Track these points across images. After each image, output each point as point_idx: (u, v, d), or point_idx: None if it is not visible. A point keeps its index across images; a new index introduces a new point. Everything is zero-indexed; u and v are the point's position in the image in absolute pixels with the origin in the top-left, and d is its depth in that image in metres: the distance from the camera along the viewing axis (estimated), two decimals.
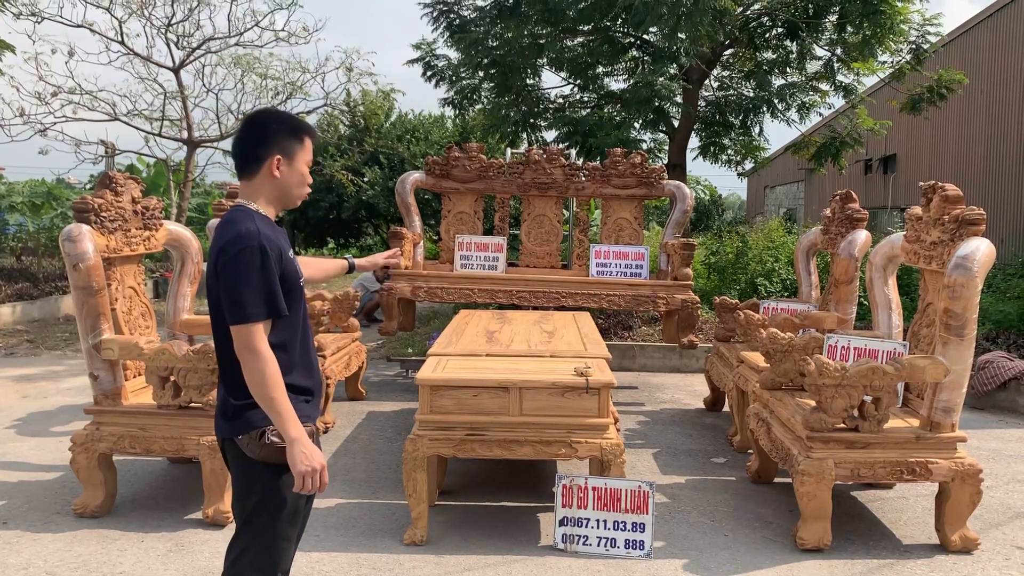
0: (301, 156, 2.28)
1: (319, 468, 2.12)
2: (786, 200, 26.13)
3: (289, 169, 2.26)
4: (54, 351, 8.10)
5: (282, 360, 2.18)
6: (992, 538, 3.72)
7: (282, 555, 2.24)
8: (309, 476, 2.11)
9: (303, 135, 2.29)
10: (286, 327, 2.23)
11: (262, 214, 2.24)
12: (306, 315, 2.34)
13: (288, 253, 2.25)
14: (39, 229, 13.27)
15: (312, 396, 2.31)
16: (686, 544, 3.61)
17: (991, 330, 7.61)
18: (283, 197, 2.30)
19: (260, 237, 2.13)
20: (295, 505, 2.23)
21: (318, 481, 2.12)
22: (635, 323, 8.44)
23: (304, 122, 2.37)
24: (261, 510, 2.19)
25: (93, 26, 10.57)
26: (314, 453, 2.12)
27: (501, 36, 8.70)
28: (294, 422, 2.11)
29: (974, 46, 14.59)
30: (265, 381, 2.09)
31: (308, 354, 2.33)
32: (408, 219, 6.58)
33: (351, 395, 6.09)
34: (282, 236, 2.27)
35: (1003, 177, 13.59)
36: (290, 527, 2.24)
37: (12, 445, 4.97)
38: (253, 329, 2.10)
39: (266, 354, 2.10)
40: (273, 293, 2.13)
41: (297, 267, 2.30)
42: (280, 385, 2.11)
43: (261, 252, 2.11)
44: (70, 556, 3.38)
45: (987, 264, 3.41)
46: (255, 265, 2.10)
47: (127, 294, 4.09)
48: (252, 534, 2.20)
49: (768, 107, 8.83)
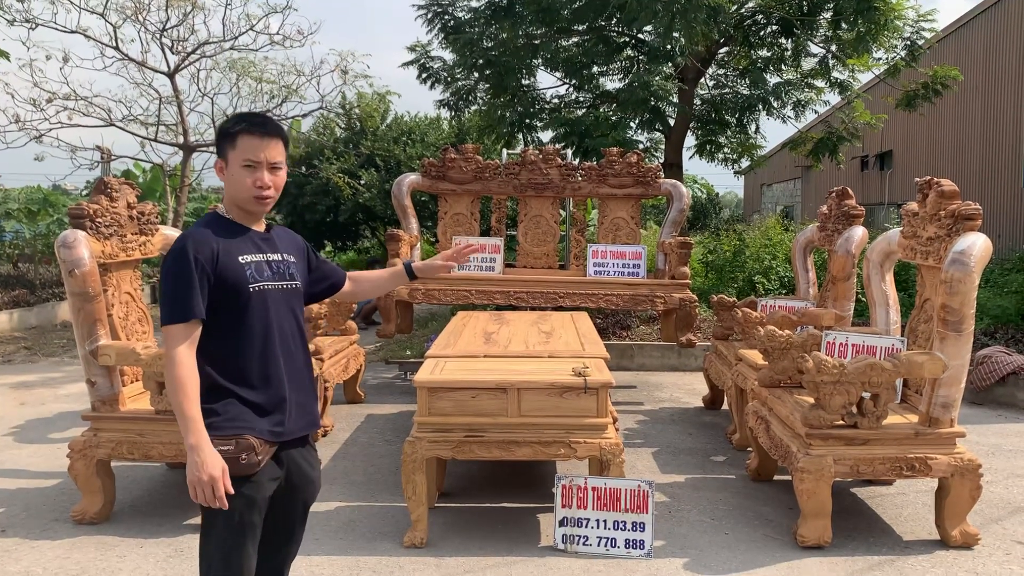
0: (235, 156, 2.19)
1: (207, 479, 2.00)
2: (783, 197, 26.16)
3: (227, 171, 2.21)
4: (51, 358, 8.09)
5: (225, 367, 2.15)
6: (992, 533, 3.72)
7: (244, 564, 2.15)
8: (198, 486, 2.01)
9: (235, 133, 2.19)
10: (230, 334, 2.15)
11: (224, 217, 2.24)
12: (272, 324, 2.21)
13: (239, 257, 2.17)
14: (35, 236, 13.26)
15: (264, 411, 2.18)
16: (686, 543, 3.60)
17: (989, 325, 7.62)
18: (235, 198, 2.23)
19: (186, 240, 2.11)
20: (248, 517, 2.14)
21: (210, 492, 2.01)
22: (633, 322, 8.44)
23: (240, 118, 2.25)
24: (217, 519, 2.13)
25: (87, 32, 10.54)
26: (208, 462, 2.01)
27: (496, 37, 8.69)
28: (194, 429, 2.03)
29: (969, 42, 14.61)
30: (172, 385, 2.06)
31: (268, 366, 2.20)
32: (405, 221, 6.57)
33: (349, 398, 6.08)
34: (243, 240, 2.20)
35: (999, 172, 13.60)
36: (248, 538, 2.16)
37: (10, 452, 4.96)
38: (167, 332, 2.08)
39: (177, 358, 2.06)
40: (180, 297, 2.07)
41: (251, 272, 2.17)
42: (187, 391, 2.05)
43: (177, 256, 2.09)
44: (69, 563, 3.37)
45: (984, 259, 3.41)
46: (169, 270, 2.10)
47: (123, 300, 4.08)
48: (206, 555, 2.16)
49: (764, 105, 8.84)
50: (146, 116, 11.34)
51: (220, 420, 2.13)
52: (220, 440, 2.10)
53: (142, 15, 10.50)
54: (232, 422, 2.14)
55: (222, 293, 2.12)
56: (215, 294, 2.12)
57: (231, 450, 2.10)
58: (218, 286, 2.12)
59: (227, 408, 2.15)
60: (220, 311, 2.14)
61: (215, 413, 2.13)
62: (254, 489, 2.16)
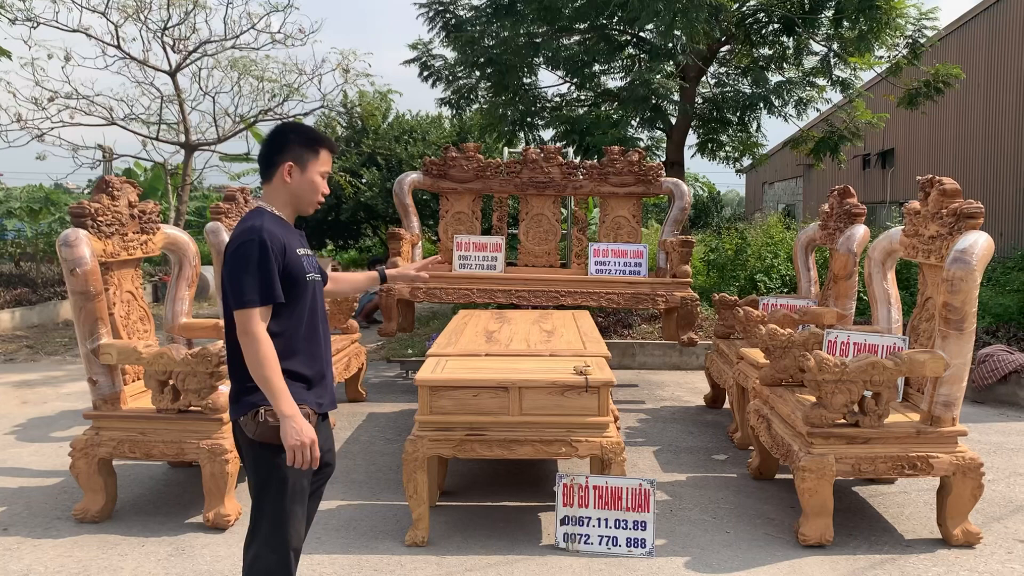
0: (314, 166, 2.44)
1: (307, 442, 2.23)
2: (785, 196, 26.13)
3: (300, 177, 2.43)
4: (53, 356, 8.10)
5: (281, 346, 2.32)
6: (994, 532, 3.72)
7: (291, 533, 2.35)
8: (298, 449, 2.23)
9: (318, 147, 2.45)
10: (288, 317, 2.37)
11: (275, 214, 2.43)
12: (317, 310, 2.47)
13: (296, 251, 2.40)
14: (37, 234, 13.27)
15: (311, 384, 2.42)
16: (688, 542, 3.60)
17: (991, 323, 7.61)
18: (295, 202, 2.47)
19: (263, 232, 2.30)
20: (298, 483, 2.34)
21: (307, 455, 2.24)
22: (634, 321, 8.44)
23: (322, 136, 2.51)
24: (266, 489, 2.33)
25: (89, 31, 10.56)
26: (304, 428, 2.24)
27: (497, 35, 8.69)
28: (287, 400, 2.25)
29: (971, 40, 14.59)
30: (260, 361, 2.24)
31: (313, 345, 2.44)
32: (406, 220, 6.57)
33: (351, 397, 6.08)
34: (294, 235, 2.43)
35: (1001, 170, 13.59)
36: (296, 505, 2.35)
37: (12, 451, 4.97)
38: (250, 314, 2.26)
39: (261, 337, 2.26)
40: (268, 282, 2.28)
41: (306, 264, 2.42)
42: (273, 366, 2.26)
43: (261, 246, 2.28)
44: (71, 561, 3.38)
45: (986, 257, 3.41)
46: (254, 257, 2.27)
47: (125, 298, 4.09)
48: (261, 513, 2.34)
49: (765, 103, 8.83)
50: (148, 115, 11.37)
51: None
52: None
53: (144, 14, 10.51)
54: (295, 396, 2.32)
55: (287, 282, 2.35)
56: (282, 282, 2.34)
57: None
58: (285, 275, 2.34)
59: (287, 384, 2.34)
60: (284, 297, 2.35)
61: None
62: None
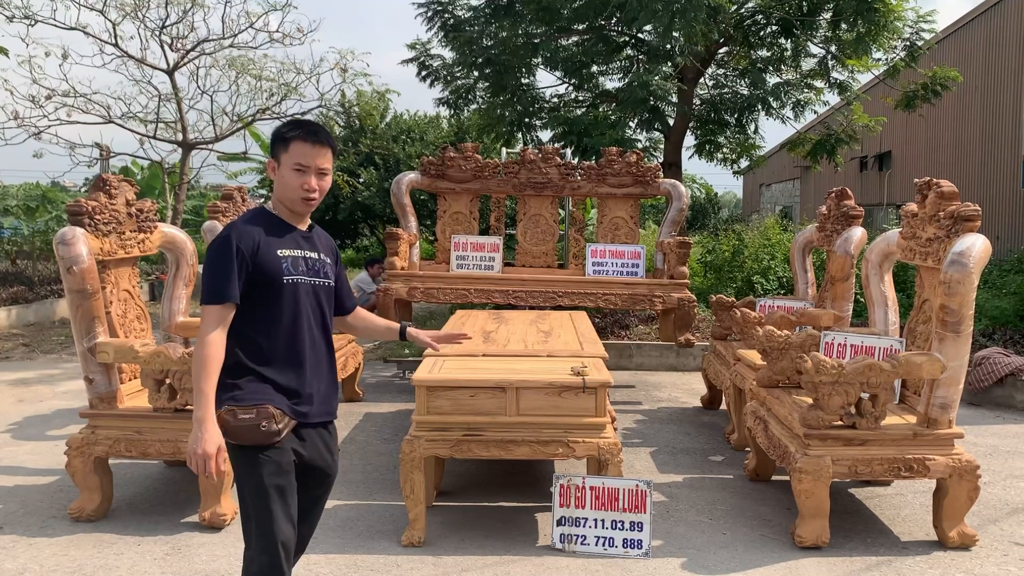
0: (286, 160, 2.36)
1: (201, 453, 2.16)
2: (782, 198, 26.18)
3: (278, 173, 2.39)
4: (50, 355, 8.08)
5: (252, 350, 2.29)
6: (990, 534, 3.72)
7: (277, 532, 2.28)
8: (193, 457, 2.17)
9: (288, 138, 2.36)
10: (261, 319, 2.31)
11: (270, 213, 2.41)
12: (302, 315, 2.36)
13: (278, 251, 2.33)
14: (34, 232, 13.24)
15: (288, 395, 2.33)
16: (684, 543, 3.60)
17: (987, 326, 7.62)
18: (283, 198, 2.41)
19: (231, 230, 2.29)
20: (272, 482, 2.27)
21: (201, 464, 2.17)
22: (632, 322, 8.45)
23: (297, 124, 2.42)
24: (245, 487, 2.29)
25: (87, 29, 10.53)
26: (207, 437, 2.17)
27: (496, 35, 8.70)
28: (204, 404, 2.19)
29: (968, 43, 14.62)
30: (197, 362, 2.21)
31: (292, 354, 2.35)
32: (404, 220, 6.57)
33: (348, 396, 6.07)
34: (286, 235, 2.37)
35: (998, 173, 13.62)
36: (275, 504, 2.28)
37: (8, 449, 4.95)
38: (204, 311, 2.24)
39: (207, 337, 2.22)
40: (220, 282, 2.23)
41: (287, 266, 2.33)
42: (208, 368, 2.20)
43: (221, 244, 2.26)
44: (66, 560, 3.37)
45: (983, 260, 3.41)
46: (211, 256, 2.27)
47: (122, 297, 4.08)
48: (247, 516, 2.31)
49: (763, 105, 8.85)
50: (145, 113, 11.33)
51: (242, 393, 2.28)
52: (242, 409, 2.25)
53: (141, 12, 10.48)
54: (253, 395, 2.28)
55: (259, 282, 2.28)
56: (252, 282, 2.28)
57: (252, 418, 2.24)
58: (256, 275, 2.27)
59: (249, 384, 2.30)
60: (255, 298, 2.29)
61: (238, 388, 2.29)
62: (277, 454, 2.29)
